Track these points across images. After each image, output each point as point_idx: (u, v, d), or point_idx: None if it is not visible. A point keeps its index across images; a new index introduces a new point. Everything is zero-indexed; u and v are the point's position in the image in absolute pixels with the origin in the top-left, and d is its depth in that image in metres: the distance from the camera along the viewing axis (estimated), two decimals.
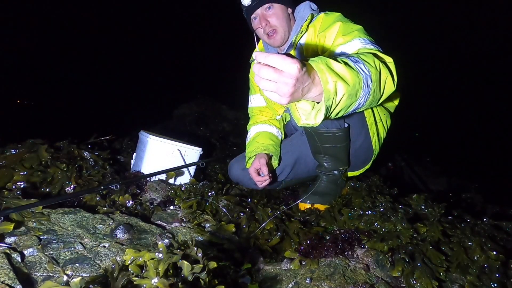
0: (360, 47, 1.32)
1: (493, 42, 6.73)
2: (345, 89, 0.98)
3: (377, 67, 1.12)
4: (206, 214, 1.41)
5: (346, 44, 1.37)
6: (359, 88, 1.03)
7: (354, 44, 1.35)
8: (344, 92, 0.99)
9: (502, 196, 2.74)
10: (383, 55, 1.26)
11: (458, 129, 5.99)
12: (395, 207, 1.47)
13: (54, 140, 1.68)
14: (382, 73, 1.14)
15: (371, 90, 1.10)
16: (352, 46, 1.35)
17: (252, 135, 1.89)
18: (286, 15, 1.60)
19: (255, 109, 1.98)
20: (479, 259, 1.23)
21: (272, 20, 1.57)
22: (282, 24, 1.59)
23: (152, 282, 0.69)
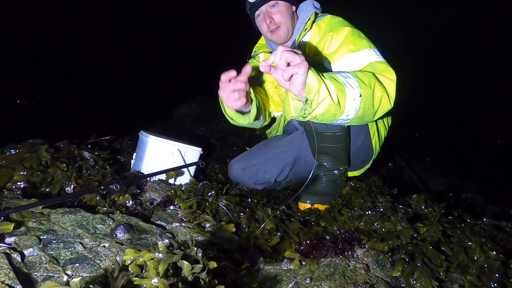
0: (372, 60, 1.38)
1: (493, 42, 6.73)
2: (327, 94, 1.14)
3: (371, 85, 1.24)
4: (206, 214, 1.41)
5: (357, 52, 1.40)
6: (342, 99, 1.18)
7: (365, 54, 1.40)
8: (325, 95, 1.14)
9: (502, 196, 2.74)
10: (386, 72, 1.34)
11: (458, 129, 6.00)
12: (395, 207, 1.47)
13: (54, 140, 1.68)
14: (376, 91, 1.26)
15: (361, 105, 1.23)
16: (363, 56, 1.39)
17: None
18: (290, 12, 1.60)
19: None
20: (479, 259, 1.23)
21: (277, 17, 1.57)
22: (286, 21, 1.59)
23: (152, 282, 0.69)
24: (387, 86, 1.30)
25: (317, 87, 1.12)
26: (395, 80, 1.33)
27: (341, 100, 1.18)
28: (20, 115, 6.24)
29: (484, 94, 6.66)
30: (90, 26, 8.74)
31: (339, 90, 1.17)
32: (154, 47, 9.35)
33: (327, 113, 1.18)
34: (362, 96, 1.22)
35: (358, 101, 1.22)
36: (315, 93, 1.12)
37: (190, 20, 9.36)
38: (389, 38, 5.79)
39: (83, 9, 8.55)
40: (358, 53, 1.40)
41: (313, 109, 1.16)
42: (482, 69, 6.71)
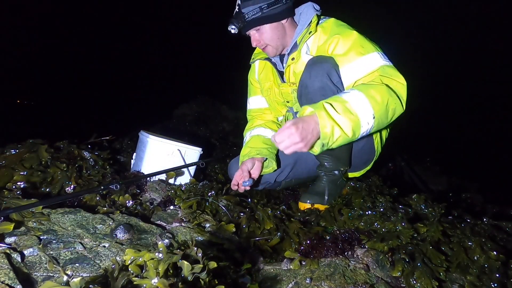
0: (383, 63, 1.38)
1: (494, 41, 6.73)
2: (341, 132, 1.19)
3: (384, 100, 1.26)
4: (206, 214, 1.41)
5: (367, 55, 1.40)
6: (356, 129, 1.22)
7: (375, 57, 1.39)
8: (340, 134, 1.20)
9: (502, 196, 2.74)
10: (397, 76, 1.34)
11: (458, 129, 6.00)
12: (395, 207, 1.47)
13: (54, 140, 1.68)
14: (390, 104, 1.28)
15: (375, 123, 1.27)
16: (373, 60, 1.39)
17: (246, 140, 1.87)
18: (277, 30, 1.57)
19: (253, 111, 1.95)
20: (479, 259, 1.23)
21: (263, 39, 1.57)
22: (272, 41, 1.57)
23: (152, 282, 0.69)
24: (399, 92, 1.31)
25: (330, 131, 1.18)
26: (406, 84, 1.34)
27: (355, 130, 1.22)
28: (20, 115, 6.24)
29: (484, 94, 6.66)
30: (90, 26, 8.74)
31: (352, 122, 1.20)
32: (154, 47, 9.35)
33: (343, 142, 1.25)
34: (375, 117, 1.25)
35: (372, 122, 1.25)
36: (329, 137, 1.19)
37: (190, 20, 9.36)
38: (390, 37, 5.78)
39: (83, 9, 8.55)
40: (368, 56, 1.40)
41: (330, 146, 1.23)
42: (482, 69, 6.71)
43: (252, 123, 1.92)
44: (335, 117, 1.18)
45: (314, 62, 1.51)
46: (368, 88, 1.28)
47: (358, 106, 1.22)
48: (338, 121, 1.18)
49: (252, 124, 1.91)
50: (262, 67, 1.80)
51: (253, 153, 1.70)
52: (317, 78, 1.48)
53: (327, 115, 1.18)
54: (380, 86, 1.29)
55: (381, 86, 1.29)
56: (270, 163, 1.72)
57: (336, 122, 1.18)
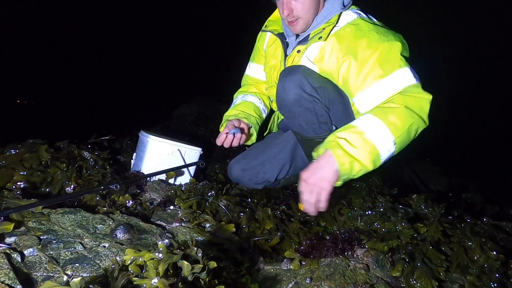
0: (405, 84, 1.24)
1: (494, 41, 6.73)
2: (361, 166, 1.13)
3: (405, 125, 1.17)
4: (206, 214, 1.41)
5: (386, 78, 1.26)
6: (377, 159, 1.16)
7: (396, 78, 1.26)
8: (360, 168, 1.14)
9: (502, 196, 2.73)
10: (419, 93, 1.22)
11: (458, 129, 5.99)
12: (395, 207, 1.47)
13: (54, 140, 1.68)
14: (412, 126, 1.19)
15: (397, 148, 1.20)
16: (394, 81, 1.25)
17: (237, 102, 1.76)
18: (315, 3, 1.40)
19: (251, 79, 1.84)
20: (479, 259, 1.23)
21: (297, 9, 1.39)
22: (306, 14, 1.40)
23: (152, 282, 0.69)
24: (421, 108, 1.21)
25: (349, 167, 1.12)
26: (431, 98, 1.23)
27: (376, 161, 1.16)
28: (20, 115, 6.23)
29: (484, 94, 6.66)
30: (90, 26, 8.74)
31: (371, 155, 1.14)
32: (154, 47, 9.35)
33: (365, 173, 1.18)
34: (396, 143, 1.18)
35: (393, 149, 1.19)
36: (349, 172, 1.14)
37: (190, 20, 9.36)
38: None
39: (84, 9, 8.55)
40: (388, 78, 1.26)
41: (352, 177, 1.18)
42: (482, 68, 6.71)
43: (246, 88, 1.83)
44: (353, 153, 1.12)
45: (285, 74, 1.46)
46: (386, 113, 1.19)
47: (376, 136, 1.14)
48: (357, 156, 1.12)
49: (247, 89, 1.83)
50: (272, 41, 1.66)
51: (241, 116, 1.64)
52: (290, 91, 1.44)
53: (344, 152, 1.12)
54: (399, 109, 1.19)
55: (401, 108, 1.19)
56: (253, 134, 1.67)
57: (354, 157, 1.12)
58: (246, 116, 1.66)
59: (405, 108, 1.19)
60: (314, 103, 1.43)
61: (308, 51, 1.47)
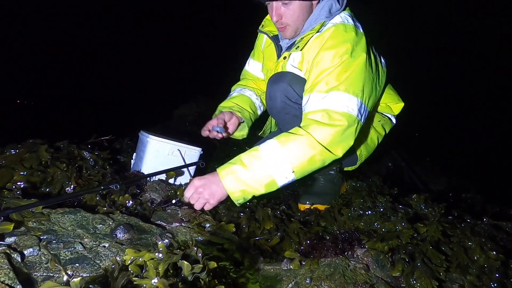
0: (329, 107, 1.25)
1: (494, 41, 6.73)
2: (255, 190, 1.21)
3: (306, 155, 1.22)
4: (206, 214, 1.41)
5: (323, 94, 1.27)
6: (272, 185, 1.22)
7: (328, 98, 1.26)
8: (253, 192, 1.22)
9: (502, 196, 2.73)
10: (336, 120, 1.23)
11: (458, 129, 5.99)
12: (395, 207, 1.47)
13: (54, 140, 1.68)
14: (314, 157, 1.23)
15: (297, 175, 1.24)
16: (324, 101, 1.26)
17: (233, 94, 1.75)
18: (305, 11, 1.39)
19: (250, 75, 1.82)
20: (479, 259, 1.23)
21: (286, 17, 1.38)
22: (295, 22, 1.40)
23: (152, 282, 0.69)
24: (327, 141, 1.22)
25: (241, 195, 1.22)
26: (341, 129, 1.23)
27: (271, 186, 1.23)
28: (20, 115, 6.23)
29: (484, 93, 6.66)
30: (90, 25, 8.74)
31: (266, 179, 1.21)
32: (154, 47, 9.35)
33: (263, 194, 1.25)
34: (295, 171, 1.22)
35: (291, 176, 1.24)
36: (241, 198, 1.23)
37: (190, 20, 9.36)
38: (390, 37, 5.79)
39: (83, 9, 8.55)
40: (323, 94, 1.27)
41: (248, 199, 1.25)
42: (482, 68, 6.71)
43: (245, 82, 1.83)
44: (245, 179, 1.20)
45: (272, 81, 1.50)
46: (288, 141, 1.22)
47: (274, 164, 1.20)
48: (249, 182, 1.20)
49: (246, 83, 1.82)
50: (268, 43, 1.66)
51: (236, 109, 1.64)
52: (276, 100, 1.49)
53: (235, 179, 1.20)
54: (303, 138, 1.22)
55: (305, 138, 1.22)
56: (244, 129, 1.68)
57: (246, 183, 1.20)
58: (240, 110, 1.66)
59: (309, 137, 1.22)
60: (300, 110, 1.43)
61: (291, 59, 1.49)
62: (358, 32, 1.35)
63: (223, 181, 1.20)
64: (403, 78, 1.96)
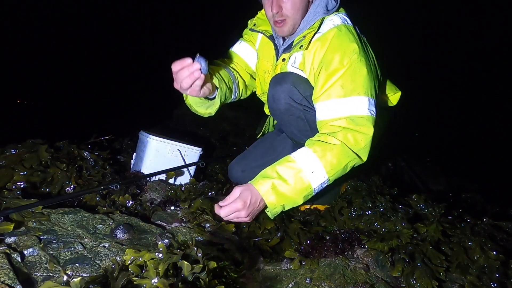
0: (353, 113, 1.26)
1: (493, 41, 6.73)
2: (293, 204, 1.22)
3: (342, 163, 1.23)
4: (206, 214, 1.41)
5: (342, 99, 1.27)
6: (309, 195, 1.23)
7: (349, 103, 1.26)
8: (291, 206, 1.23)
9: (502, 196, 2.73)
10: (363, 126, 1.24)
11: (458, 129, 6.00)
12: (395, 207, 1.47)
13: (54, 140, 1.68)
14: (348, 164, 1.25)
15: (330, 182, 1.26)
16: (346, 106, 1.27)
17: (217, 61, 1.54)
18: (304, 5, 1.36)
19: (236, 58, 1.64)
20: (479, 259, 1.23)
21: (286, 9, 1.33)
22: (295, 15, 1.35)
23: (152, 282, 0.69)
24: (359, 145, 1.25)
25: (279, 209, 1.20)
26: (370, 135, 1.26)
27: (308, 196, 1.23)
28: (20, 115, 6.23)
29: (484, 93, 6.66)
30: (90, 25, 8.74)
31: (304, 192, 1.21)
32: (154, 47, 9.35)
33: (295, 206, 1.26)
34: (330, 179, 1.25)
35: (326, 184, 1.25)
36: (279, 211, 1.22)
37: (190, 20, 9.37)
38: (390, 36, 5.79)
39: (83, 9, 8.56)
40: (343, 99, 1.27)
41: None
42: (482, 68, 6.71)
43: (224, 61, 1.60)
44: (285, 191, 1.18)
45: (275, 83, 1.44)
46: (325, 151, 1.22)
47: (312, 174, 1.20)
48: (289, 194, 1.18)
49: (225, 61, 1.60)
50: (264, 43, 1.58)
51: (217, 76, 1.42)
52: (280, 102, 1.44)
53: (276, 195, 1.17)
54: (338, 147, 1.23)
55: (340, 147, 1.23)
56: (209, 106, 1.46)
57: (287, 196, 1.18)
58: (219, 80, 1.42)
59: (343, 146, 1.23)
60: (305, 111, 1.43)
61: (291, 60, 1.44)
62: (358, 33, 1.39)
63: (265, 198, 1.17)
64: (403, 78, 1.96)
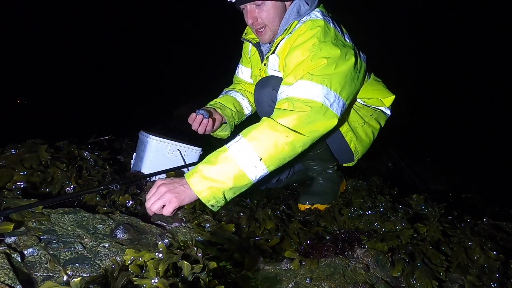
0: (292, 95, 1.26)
1: (493, 41, 6.73)
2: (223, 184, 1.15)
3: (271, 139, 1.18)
4: (206, 214, 1.41)
5: (293, 84, 1.28)
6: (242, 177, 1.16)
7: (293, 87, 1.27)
8: (223, 188, 1.15)
9: (502, 196, 2.74)
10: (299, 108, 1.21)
11: (458, 129, 6.00)
12: (395, 207, 1.47)
13: (54, 140, 1.68)
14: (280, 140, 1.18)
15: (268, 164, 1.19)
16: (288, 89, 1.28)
17: (220, 96, 1.84)
18: (280, 12, 1.42)
19: (240, 80, 1.89)
20: (479, 259, 1.23)
21: (261, 18, 1.41)
22: (272, 23, 1.42)
23: (152, 282, 0.69)
24: (292, 123, 1.20)
25: (210, 194, 1.15)
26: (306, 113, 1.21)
27: (240, 178, 1.17)
28: (20, 115, 6.23)
29: (484, 93, 6.66)
30: (89, 25, 8.74)
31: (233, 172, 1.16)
32: (154, 47, 9.35)
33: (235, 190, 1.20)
34: (263, 158, 1.17)
35: (262, 165, 1.18)
36: (211, 199, 1.16)
37: (189, 20, 9.37)
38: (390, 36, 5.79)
39: (83, 8, 8.56)
40: (292, 85, 1.29)
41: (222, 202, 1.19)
42: (482, 68, 6.71)
43: (233, 86, 1.91)
44: (211, 175, 1.14)
45: (259, 87, 1.53)
46: (250, 129, 1.21)
47: (238, 153, 1.16)
48: (214, 177, 1.14)
49: (234, 86, 1.90)
50: (253, 51, 1.69)
51: (217, 105, 1.71)
52: (263, 105, 1.52)
53: (201, 177, 1.14)
54: (264, 123, 1.21)
55: (266, 122, 1.21)
56: (227, 129, 1.75)
57: (212, 179, 1.14)
58: (221, 107, 1.69)
59: (271, 121, 1.21)
60: None
61: (270, 63, 1.52)
62: (327, 25, 1.37)
63: (188, 181, 1.15)
64: (403, 78, 1.96)
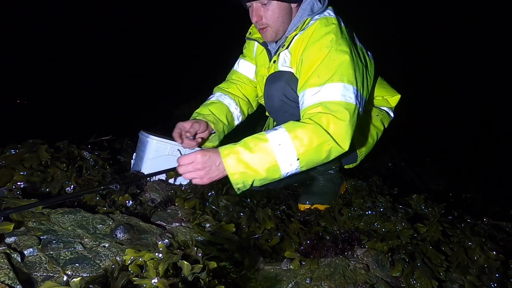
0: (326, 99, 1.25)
1: (493, 41, 6.73)
2: (255, 173, 1.15)
3: (313, 142, 1.18)
4: (206, 214, 1.41)
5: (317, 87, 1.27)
6: (275, 171, 1.17)
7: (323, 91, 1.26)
8: (254, 178, 1.16)
9: (502, 196, 2.73)
10: (337, 112, 1.21)
11: (458, 129, 6.00)
12: (395, 207, 1.47)
13: (54, 140, 1.68)
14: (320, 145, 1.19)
15: (302, 164, 1.20)
16: (319, 93, 1.26)
17: (212, 99, 1.74)
18: (285, 13, 1.42)
19: (238, 76, 1.80)
20: (479, 259, 1.23)
21: (266, 18, 1.41)
22: (275, 23, 1.42)
23: (152, 282, 0.69)
24: (335, 131, 1.20)
25: (240, 177, 1.15)
26: (346, 121, 1.22)
27: (273, 171, 1.18)
28: (20, 115, 6.23)
29: (484, 93, 6.66)
30: (89, 25, 8.75)
31: (268, 164, 1.16)
32: (154, 46, 9.35)
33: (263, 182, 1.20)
34: (300, 159, 1.18)
35: (296, 164, 1.19)
36: (241, 182, 1.16)
37: (189, 19, 9.36)
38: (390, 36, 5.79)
39: (83, 8, 8.56)
40: (318, 88, 1.28)
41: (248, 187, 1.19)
42: (482, 68, 6.71)
43: (228, 86, 1.79)
44: (248, 161, 1.14)
45: (270, 81, 1.50)
46: (295, 127, 1.20)
47: (278, 147, 1.16)
48: (252, 164, 1.14)
49: (228, 87, 1.78)
50: (260, 50, 1.67)
51: (210, 118, 1.63)
52: (274, 99, 1.49)
53: (237, 160, 1.14)
54: (310, 125, 1.20)
55: (312, 125, 1.20)
56: (214, 140, 1.69)
57: (249, 167, 1.14)
58: (215, 121, 1.64)
59: (316, 125, 1.20)
60: (298, 108, 1.43)
61: (281, 60, 1.50)
62: (340, 24, 1.40)
63: (224, 160, 1.14)
64: (403, 78, 1.96)
